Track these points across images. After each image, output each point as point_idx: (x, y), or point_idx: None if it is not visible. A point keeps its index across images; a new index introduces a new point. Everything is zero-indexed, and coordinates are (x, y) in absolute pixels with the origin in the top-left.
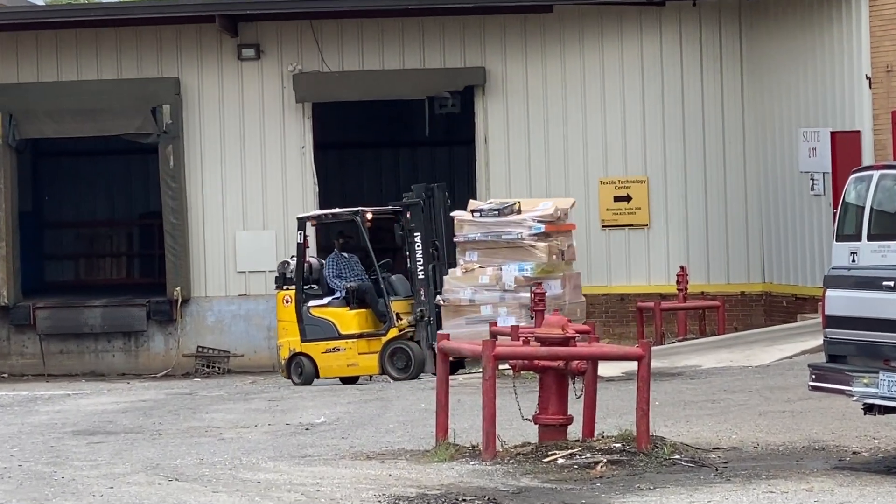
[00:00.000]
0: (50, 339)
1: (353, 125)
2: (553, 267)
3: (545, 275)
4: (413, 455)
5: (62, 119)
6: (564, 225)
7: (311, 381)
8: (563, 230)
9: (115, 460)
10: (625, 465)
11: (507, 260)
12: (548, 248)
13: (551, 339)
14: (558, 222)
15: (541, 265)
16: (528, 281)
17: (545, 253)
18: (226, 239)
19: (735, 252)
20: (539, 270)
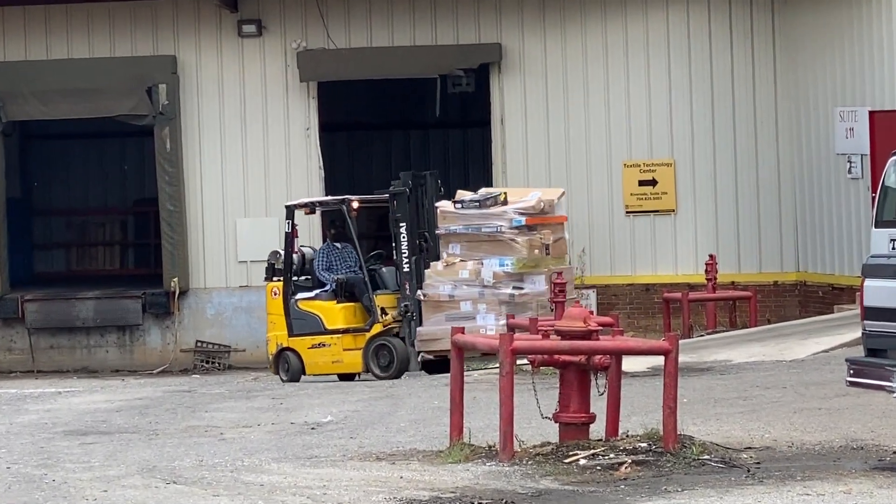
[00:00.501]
0: (39, 333)
1: (361, 106)
2: (536, 262)
3: (527, 270)
4: (426, 456)
5: (52, 100)
6: (551, 217)
7: (299, 377)
8: (550, 223)
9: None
10: (651, 466)
11: (489, 254)
12: (528, 242)
13: (572, 333)
14: (542, 214)
15: (521, 260)
16: (509, 276)
17: (526, 247)
18: (226, 227)
19: (767, 239)
20: (520, 265)
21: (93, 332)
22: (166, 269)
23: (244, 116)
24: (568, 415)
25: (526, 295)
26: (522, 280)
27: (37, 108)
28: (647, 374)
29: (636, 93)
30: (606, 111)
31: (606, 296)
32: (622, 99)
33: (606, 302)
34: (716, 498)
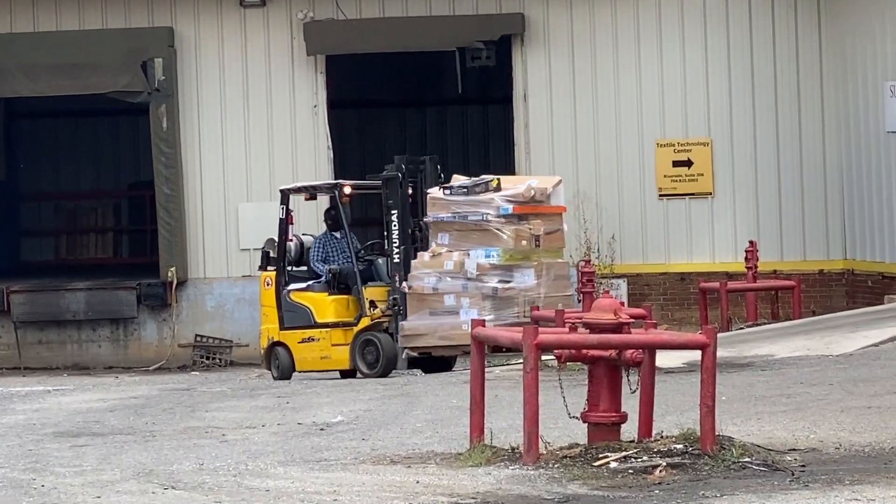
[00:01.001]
0: (26, 327)
1: (372, 81)
2: (524, 254)
3: (515, 262)
4: (444, 459)
5: (39, 75)
6: (544, 207)
7: (290, 374)
8: (544, 213)
9: (102, 466)
10: (687, 470)
11: (477, 244)
12: (515, 232)
13: (602, 326)
14: (533, 203)
15: (508, 251)
16: (495, 269)
17: (512, 237)
18: (227, 212)
19: (812, 224)
20: (506, 257)
21: (84, 326)
22: (163, 258)
23: (247, 93)
24: (597, 414)
25: (512, 289)
26: (512, 273)
27: (23, 84)
28: (683, 371)
29: (670, 66)
30: (638, 86)
31: (638, 286)
32: (655, 73)
33: (638, 292)
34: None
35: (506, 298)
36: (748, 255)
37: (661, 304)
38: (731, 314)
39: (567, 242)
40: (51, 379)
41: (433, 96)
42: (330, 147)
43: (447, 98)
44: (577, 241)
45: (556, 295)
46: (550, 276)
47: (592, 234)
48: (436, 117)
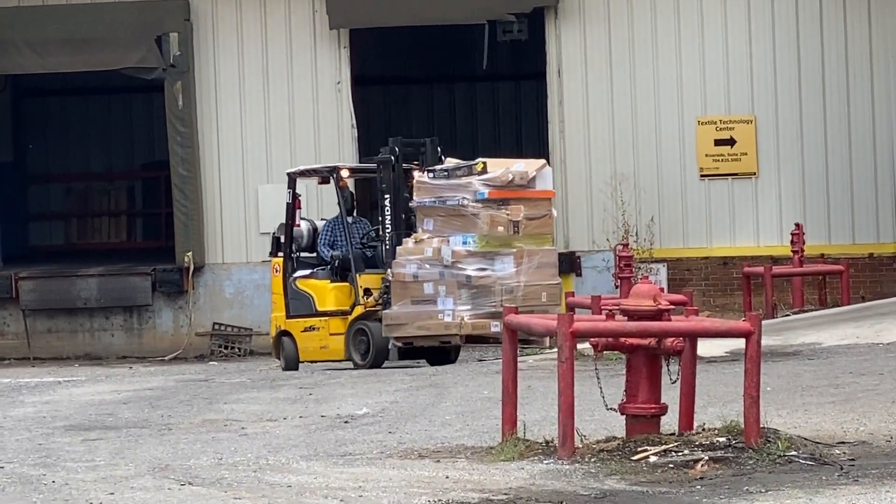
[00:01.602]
0: (36, 315)
1: (399, 56)
2: (502, 241)
3: (492, 249)
4: (474, 453)
5: (49, 51)
6: (526, 192)
7: (296, 364)
8: (525, 197)
9: (116, 461)
10: (730, 464)
11: (458, 231)
12: (490, 217)
13: (640, 313)
14: (511, 188)
15: (484, 238)
16: (472, 255)
17: (487, 223)
18: (246, 194)
19: (861, 206)
20: (482, 244)
21: (96, 314)
22: (179, 243)
23: (266, 69)
24: (636, 406)
25: (487, 277)
26: (488, 261)
27: (32, 61)
28: (726, 360)
29: (712, 39)
30: (678, 61)
31: (678, 271)
32: (696, 47)
33: (678, 278)
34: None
35: (481, 287)
36: (794, 239)
37: (702, 290)
38: (776, 300)
39: (604, 225)
40: (61, 370)
41: (462, 72)
42: (354, 126)
43: (477, 74)
44: (614, 223)
45: (539, 283)
46: (532, 263)
47: (630, 216)
48: (465, 94)
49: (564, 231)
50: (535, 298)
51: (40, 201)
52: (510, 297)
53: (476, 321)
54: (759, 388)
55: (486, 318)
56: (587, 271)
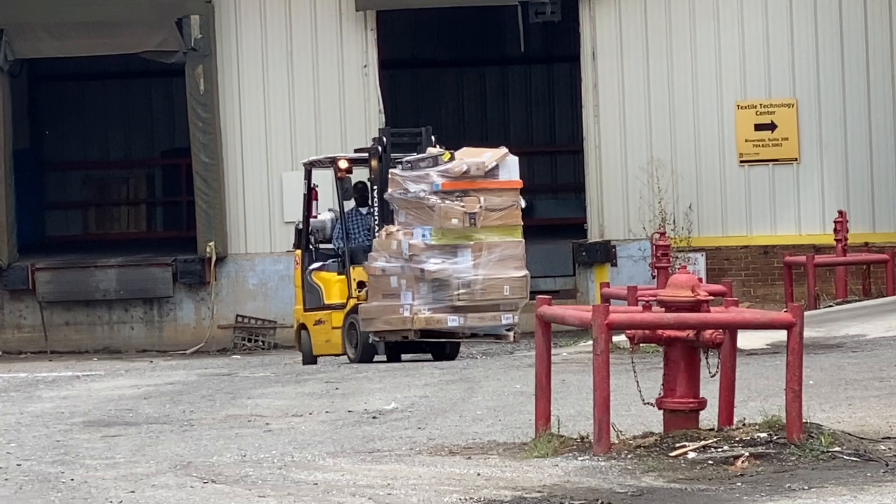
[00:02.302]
0: (53, 307)
1: (427, 39)
2: (459, 233)
3: (450, 242)
4: (507, 449)
5: (66, 34)
6: (487, 182)
7: (312, 358)
8: (487, 188)
9: (136, 458)
10: (772, 460)
11: (421, 224)
12: (443, 210)
13: (678, 304)
14: (467, 179)
15: (438, 231)
16: (430, 249)
17: (441, 215)
18: (270, 181)
19: None
20: (439, 237)
21: (115, 306)
22: (200, 232)
23: (290, 52)
24: (674, 400)
25: (443, 271)
26: (445, 254)
27: (48, 44)
28: (767, 352)
29: (751, 20)
30: (716, 42)
31: (717, 260)
32: (735, 28)
33: (717, 267)
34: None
35: (437, 281)
36: (837, 227)
37: (742, 280)
38: (819, 291)
39: (640, 213)
40: (79, 364)
41: (493, 55)
42: (381, 111)
43: (509, 57)
44: (650, 211)
45: (500, 277)
46: (493, 256)
47: (668, 204)
48: (496, 78)
49: (599, 219)
50: (495, 292)
51: (57, 190)
52: (467, 290)
53: (431, 315)
54: (801, 382)
55: (443, 313)
56: (623, 261)
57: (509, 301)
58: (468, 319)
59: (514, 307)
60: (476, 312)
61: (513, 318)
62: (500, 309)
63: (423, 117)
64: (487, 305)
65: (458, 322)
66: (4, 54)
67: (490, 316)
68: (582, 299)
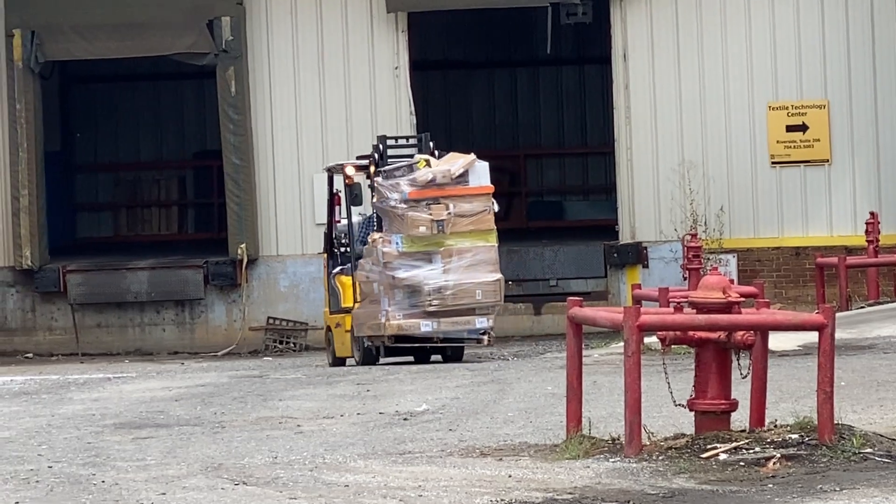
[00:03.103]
0: (84, 309)
1: (459, 40)
2: (428, 240)
3: (420, 249)
4: (538, 451)
5: (97, 36)
6: (456, 189)
7: (338, 360)
8: (456, 195)
9: (167, 460)
10: (803, 462)
11: (395, 231)
12: (410, 218)
13: (710, 305)
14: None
15: (408, 238)
16: (403, 256)
17: (409, 224)
18: (301, 183)
19: None
20: (408, 244)
21: (147, 308)
22: (232, 234)
23: (321, 54)
24: (705, 401)
25: (412, 277)
26: (421, 261)
27: (79, 46)
28: (798, 354)
29: (783, 21)
30: (748, 44)
31: (749, 261)
32: (766, 29)
33: (749, 269)
34: (881, 498)
35: (409, 287)
36: (869, 228)
37: (773, 282)
38: (851, 292)
39: (671, 214)
40: (111, 366)
41: (524, 56)
42: (412, 112)
43: (539, 58)
44: (682, 213)
45: (471, 282)
46: (463, 261)
47: (699, 205)
48: (527, 79)
49: (631, 221)
50: (468, 296)
51: (88, 191)
52: (438, 296)
53: (403, 322)
54: (832, 383)
55: (416, 319)
56: (654, 262)
57: (483, 305)
58: (441, 324)
59: (489, 311)
60: (449, 317)
61: (487, 321)
62: (475, 313)
63: (453, 119)
64: (460, 310)
65: (431, 327)
66: (35, 56)
67: (464, 320)
68: (613, 301)
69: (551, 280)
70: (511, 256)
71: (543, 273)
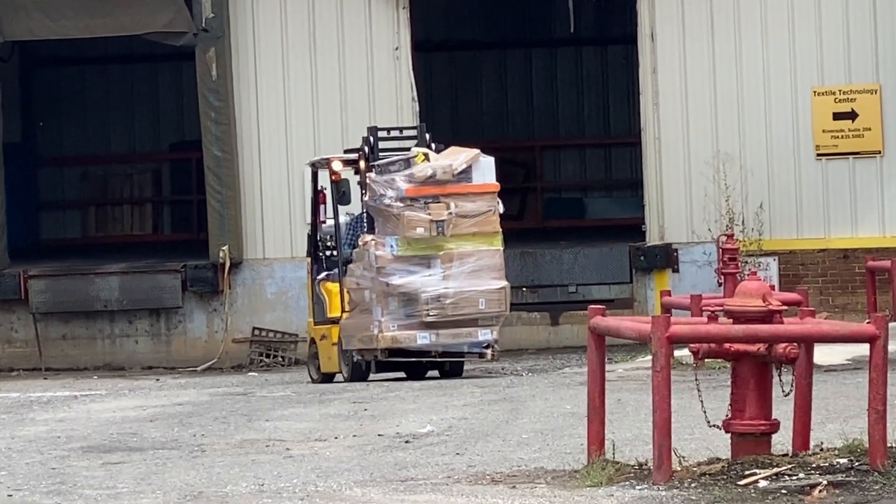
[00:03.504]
0: (48, 319)
1: (466, 18)
2: (426, 243)
3: (417, 253)
4: (556, 477)
5: (62, 14)
6: (458, 186)
7: (323, 376)
8: (458, 193)
9: (141, 487)
10: (852, 489)
11: (389, 233)
12: (408, 218)
13: (748, 314)
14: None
15: (404, 240)
16: (398, 260)
17: (406, 224)
18: (291, 178)
19: None
20: (404, 247)
21: (118, 318)
22: (213, 235)
23: (313, 33)
24: (743, 422)
25: (409, 284)
26: (418, 266)
27: (42, 25)
28: (847, 368)
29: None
30: (790, 21)
31: (791, 265)
32: (810, 5)
33: (792, 273)
34: None
35: (405, 295)
36: None
37: (819, 288)
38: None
39: (705, 212)
40: (78, 382)
41: (540, 36)
42: (415, 98)
43: (557, 38)
44: (717, 211)
45: (474, 290)
46: (465, 267)
47: (736, 202)
48: (543, 61)
49: (659, 220)
50: (470, 306)
51: (53, 188)
52: (437, 305)
53: (398, 333)
54: (885, 402)
55: (412, 330)
56: (685, 266)
57: (486, 315)
58: (440, 337)
59: (493, 322)
60: (449, 329)
61: (491, 333)
62: (478, 324)
63: (461, 106)
64: (461, 321)
65: (429, 340)
66: None
67: (465, 332)
68: (640, 309)
69: (570, 286)
70: (525, 260)
71: (561, 278)
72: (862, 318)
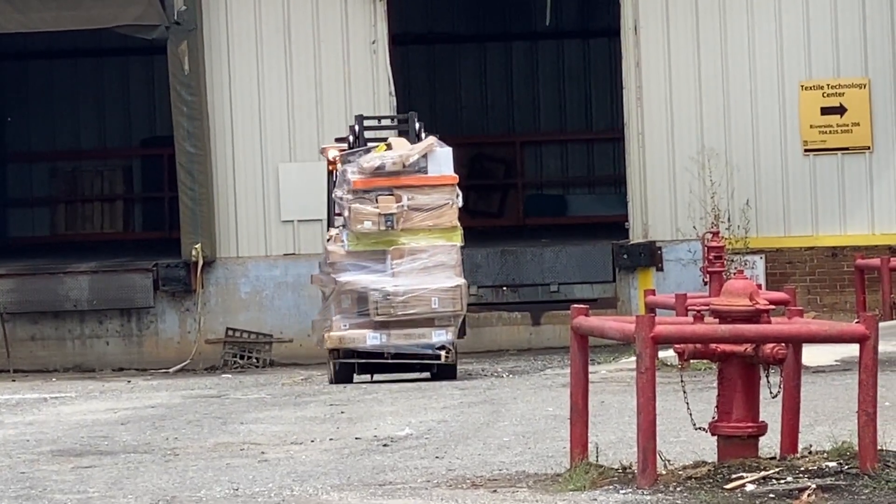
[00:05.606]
0: (16, 320)
1: (445, 11)
2: (376, 238)
3: (367, 248)
4: (538, 481)
5: (30, 6)
6: (412, 178)
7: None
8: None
9: (112, 492)
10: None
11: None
12: (356, 211)
13: (734, 314)
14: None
15: (353, 235)
16: (350, 256)
17: (353, 218)
18: (265, 174)
19: None
20: (354, 242)
21: (88, 318)
22: (185, 233)
23: (288, 26)
24: (729, 424)
25: (357, 281)
26: (374, 262)
27: (9, 17)
28: (836, 369)
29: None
30: (777, 15)
31: (779, 263)
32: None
33: (779, 272)
34: None
35: (352, 293)
36: None
37: (807, 287)
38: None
39: (690, 209)
40: (47, 384)
41: (521, 28)
42: (392, 93)
43: (538, 31)
44: (702, 208)
45: (426, 287)
46: (416, 263)
47: (721, 199)
48: (524, 54)
49: (643, 217)
50: (421, 305)
51: (21, 184)
52: (386, 303)
53: (346, 333)
54: (875, 403)
55: (363, 329)
56: (670, 265)
57: (441, 315)
58: (391, 337)
59: (449, 323)
60: (400, 329)
61: (447, 335)
62: (434, 325)
63: (439, 101)
64: (414, 321)
65: (379, 340)
66: None
67: (418, 333)
68: (623, 309)
69: (552, 285)
70: (506, 258)
71: (543, 277)
72: (851, 318)
